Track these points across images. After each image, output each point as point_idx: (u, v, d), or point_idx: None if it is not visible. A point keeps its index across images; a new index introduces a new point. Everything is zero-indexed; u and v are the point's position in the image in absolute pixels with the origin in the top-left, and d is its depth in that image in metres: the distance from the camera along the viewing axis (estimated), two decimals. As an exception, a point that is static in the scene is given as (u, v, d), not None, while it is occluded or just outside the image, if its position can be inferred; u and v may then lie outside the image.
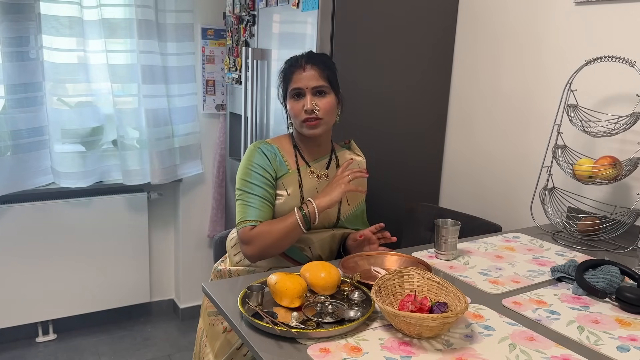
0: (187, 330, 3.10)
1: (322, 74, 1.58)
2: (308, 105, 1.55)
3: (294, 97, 1.59)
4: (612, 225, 1.70)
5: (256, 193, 1.56)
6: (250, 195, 1.56)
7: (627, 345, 1.10)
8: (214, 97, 3.09)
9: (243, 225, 1.54)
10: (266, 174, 1.58)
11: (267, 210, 1.57)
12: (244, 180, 1.58)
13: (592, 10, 1.85)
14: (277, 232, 1.50)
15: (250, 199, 1.56)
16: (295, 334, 1.07)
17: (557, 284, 1.41)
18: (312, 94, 1.56)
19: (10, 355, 2.74)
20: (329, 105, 1.58)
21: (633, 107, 1.73)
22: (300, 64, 1.58)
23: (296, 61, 1.60)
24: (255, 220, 1.54)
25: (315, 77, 1.57)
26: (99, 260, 2.93)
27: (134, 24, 2.67)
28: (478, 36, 2.27)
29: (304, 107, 1.55)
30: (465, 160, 2.38)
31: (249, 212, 1.55)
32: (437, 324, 1.05)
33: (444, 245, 1.56)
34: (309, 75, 1.56)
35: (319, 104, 1.56)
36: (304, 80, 1.56)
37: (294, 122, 1.62)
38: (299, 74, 1.57)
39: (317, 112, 1.55)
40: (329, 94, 1.59)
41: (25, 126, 2.57)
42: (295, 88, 1.57)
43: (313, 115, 1.55)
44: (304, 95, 1.57)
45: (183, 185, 3.08)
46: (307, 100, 1.56)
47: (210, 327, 1.62)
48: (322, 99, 1.57)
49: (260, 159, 1.59)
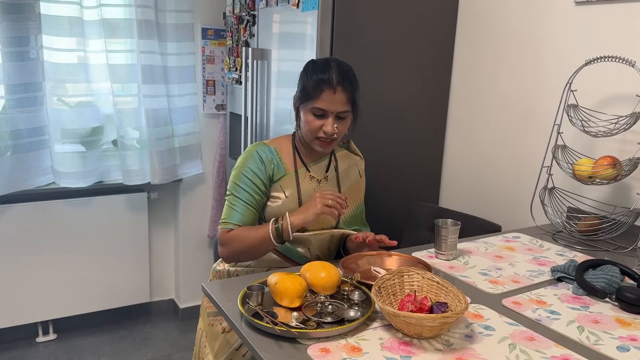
0: (187, 330, 3.10)
1: (350, 98, 1.55)
2: (329, 129, 1.53)
3: (314, 114, 1.55)
4: (612, 225, 1.70)
5: (242, 197, 1.57)
6: (236, 198, 1.58)
7: (627, 345, 1.10)
8: (214, 97, 3.09)
9: (222, 226, 1.57)
10: (256, 179, 1.58)
11: (249, 215, 1.57)
12: (234, 182, 1.59)
13: (592, 10, 1.85)
14: (250, 239, 1.52)
15: (235, 203, 1.57)
16: (295, 333, 1.07)
17: (557, 284, 1.41)
18: (334, 117, 1.54)
19: (10, 355, 2.74)
20: (346, 128, 1.59)
21: (633, 107, 1.73)
22: (332, 84, 1.51)
23: (328, 79, 1.51)
24: (234, 223, 1.56)
25: (343, 102, 1.53)
26: (99, 260, 2.93)
27: (134, 24, 2.67)
28: (478, 36, 2.27)
29: (324, 128, 1.54)
30: (465, 160, 2.38)
31: (231, 214, 1.57)
32: (437, 324, 1.05)
33: (444, 245, 1.56)
34: (338, 99, 1.52)
35: (338, 127, 1.55)
36: (332, 104, 1.52)
37: (304, 134, 1.59)
38: (329, 94, 1.51)
39: (335, 135, 1.54)
40: (348, 117, 1.58)
41: (25, 126, 2.57)
42: (320, 108, 1.53)
43: (331, 138, 1.55)
44: (326, 117, 1.54)
45: (183, 185, 3.08)
46: (329, 123, 1.53)
47: (210, 327, 1.62)
48: (342, 122, 1.56)
49: (254, 164, 1.59)
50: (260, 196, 1.59)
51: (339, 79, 1.52)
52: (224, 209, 1.60)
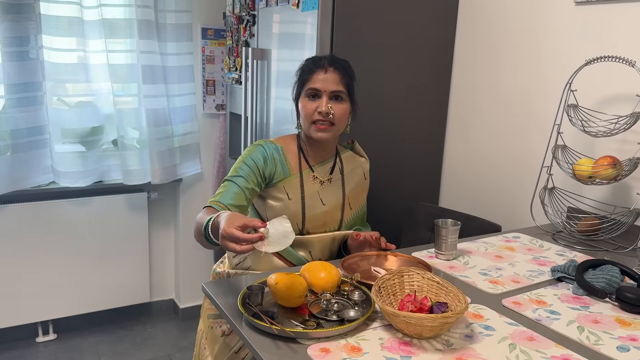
0: (187, 330, 3.10)
1: (342, 80, 1.56)
2: (323, 107, 1.52)
3: (308, 97, 1.56)
4: (612, 225, 1.70)
5: (237, 182, 1.52)
6: (231, 183, 1.52)
7: (627, 345, 1.10)
8: (214, 97, 3.09)
9: (208, 204, 1.48)
10: (255, 169, 1.55)
11: (238, 198, 1.49)
12: (234, 168, 1.56)
13: (592, 10, 1.85)
14: (197, 225, 1.38)
15: (229, 186, 1.52)
16: (291, 334, 1.07)
17: (557, 284, 1.41)
18: (328, 97, 1.54)
19: (10, 355, 2.74)
20: (343, 112, 1.56)
21: (633, 107, 1.73)
22: (323, 65, 1.55)
23: (319, 60, 1.57)
24: (219, 202, 1.47)
25: (335, 81, 1.54)
26: (99, 260, 2.93)
27: (134, 24, 2.67)
28: (478, 36, 2.27)
29: (318, 109, 1.53)
30: (465, 160, 2.38)
31: (222, 195, 1.49)
32: (437, 324, 1.05)
33: (444, 245, 1.56)
34: (329, 78, 1.54)
35: (334, 108, 1.54)
36: (324, 81, 1.54)
37: (302, 123, 1.59)
38: (320, 74, 1.55)
39: (331, 115, 1.53)
40: (345, 101, 1.57)
41: (25, 125, 2.58)
42: (313, 88, 1.54)
43: (327, 118, 1.53)
44: (320, 96, 1.54)
45: (183, 185, 3.08)
46: (323, 102, 1.53)
47: (210, 329, 1.61)
48: (338, 104, 1.55)
49: (257, 155, 1.57)
50: (255, 185, 1.54)
51: (330, 62, 1.57)
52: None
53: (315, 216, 1.62)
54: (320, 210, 1.62)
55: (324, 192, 1.63)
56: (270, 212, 1.60)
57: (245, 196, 1.52)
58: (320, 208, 1.62)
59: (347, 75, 1.58)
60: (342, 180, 1.69)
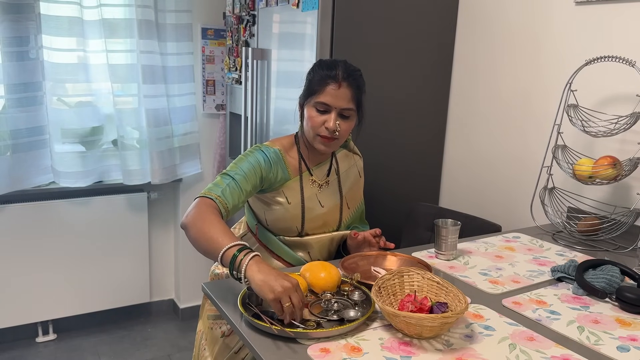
0: (187, 330, 3.10)
1: (354, 97, 1.53)
2: (331, 125, 1.50)
3: (317, 109, 1.53)
4: (612, 225, 1.70)
5: (235, 178, 1.48)
6: (229, 177, 1.48)
7: (627, 345, 1.10)
8: (214, 97, 3.09)
9: (204, 195, 1.44)
10: (258, 169, 1.52)
11: (235, 195, 1.46)
12: (234, 164, 1.53)
13: (592, 10, 1.85)
14: (205, 236, 1.32)
15: (226, 180, 1.48)
16: (291, 334, 1.07)
17: (557, 284, 1.41)
18: (337, 113, 1.51)
19: (10, 355, 2.74)
20: (349, 128, 1.56)
21: (633, 107, 1.73)
22: (336, 77, 1.50)
23: (333, 68, 1.51)
24: (216, 196, 1.42)
25: (347, 98, 1.51)
26: (99, 260, 2.93)
27: (134, 24, 2.67)
28: (478, 36, 2.27)
29: (326, 124, 1.51)
30: (465, 160, 2.38)
31: (220, 188, 1.45)
32: (437, 324, 1.05)
33: (444, 245, 1.56)
34: (342, 94, 1.50)
35: (341, 125, 1.52)
36: (336, 98, 1.50)
37: (306, 130, 1.57)
38: (333, 89, 1.50)
39: (337, 133, 1.52)
40: (352, 117, 1.55)
41: (25, 125, 2.57)
42: (323, 103, 1.51)
43: (333, 135, 1.52)
44: (329, 112, 1.51)
45: (183, 185, 3.08)
46: (332, 119, 1.50)
47: (209, 330, 1.61)
48: (346, 121, 1.53)
49: (262, 158, 1.55)
50: (252, 187, 1.51)
51: (345, 75, 1.51)
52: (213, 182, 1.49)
53: (314, 218, 1.62)
54: (319, 212, 1.62)
55: (322, 195, 1.63)
56: (269, 216, 1.60)
57: (242, 199, 1.48)
58: (319, 210, 1.62)
59: (359, 91, 1.55)
60: (338, 181, 1.68)
